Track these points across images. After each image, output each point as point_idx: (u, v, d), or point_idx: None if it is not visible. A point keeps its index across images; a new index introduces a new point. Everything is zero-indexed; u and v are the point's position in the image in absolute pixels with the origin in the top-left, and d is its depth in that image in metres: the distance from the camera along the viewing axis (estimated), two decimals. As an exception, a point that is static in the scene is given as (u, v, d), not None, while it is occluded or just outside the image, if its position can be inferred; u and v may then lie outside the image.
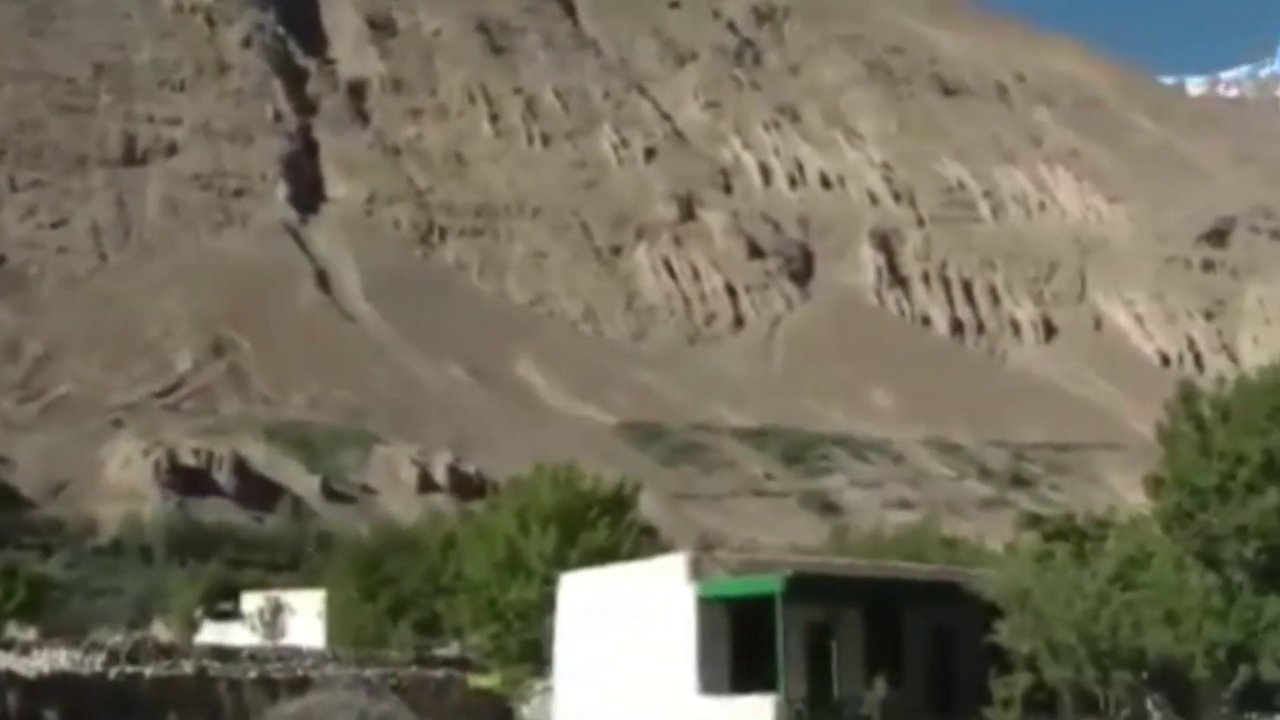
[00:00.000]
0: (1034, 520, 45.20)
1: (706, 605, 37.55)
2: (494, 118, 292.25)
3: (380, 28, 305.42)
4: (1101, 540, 38.76)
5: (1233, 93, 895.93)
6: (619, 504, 59.12)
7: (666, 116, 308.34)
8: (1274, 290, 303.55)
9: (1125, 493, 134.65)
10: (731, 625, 37.79)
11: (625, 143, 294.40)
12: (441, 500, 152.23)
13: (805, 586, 37.10)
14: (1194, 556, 33.61)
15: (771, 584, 36.67)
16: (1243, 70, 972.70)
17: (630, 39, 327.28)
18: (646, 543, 58.69)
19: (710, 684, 37.18)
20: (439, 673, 47.82)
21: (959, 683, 40.77)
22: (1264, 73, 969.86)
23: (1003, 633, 35.92)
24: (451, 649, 65.38)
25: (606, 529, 55.53)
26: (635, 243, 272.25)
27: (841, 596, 39.62)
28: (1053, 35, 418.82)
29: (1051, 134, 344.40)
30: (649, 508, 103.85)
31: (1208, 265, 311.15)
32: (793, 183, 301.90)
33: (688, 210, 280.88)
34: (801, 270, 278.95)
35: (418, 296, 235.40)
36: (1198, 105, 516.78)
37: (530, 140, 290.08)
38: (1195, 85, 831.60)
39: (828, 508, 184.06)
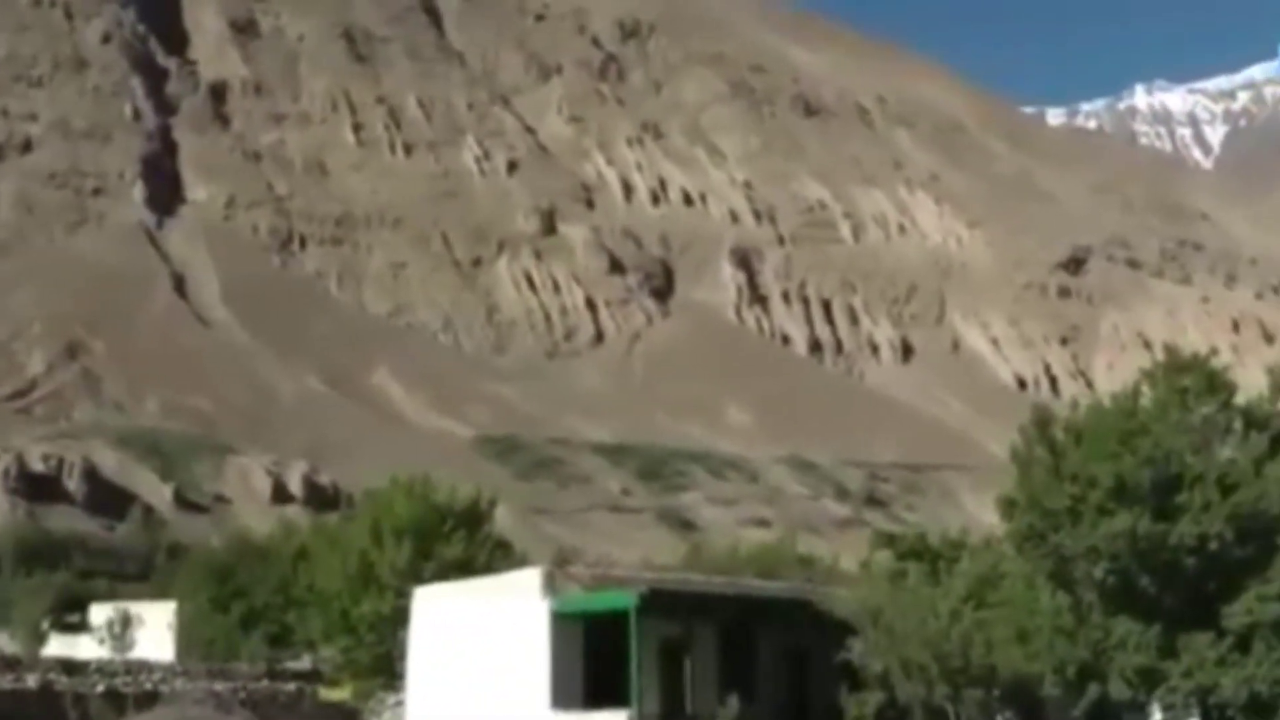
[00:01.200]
0: (888, 539, 45.47)
1: (560, 621, 37.40)
2: (356, 126, 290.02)
3: (243, 30, 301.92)
4: (954, 560, 39.12)
5: (1092, 124, 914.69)
6: (474, 517, 58.89)
7: (530, 130, 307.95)
8: (1128, 318, 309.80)
9: (979, 513, 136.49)
10: (585, 641, 37.69)
11: (488, 155, 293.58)
12: (296, 511, 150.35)
13: (660, 603, 37.08)
14: (1045, 577, 33.99)
15: (626, 600, 36.61)
16: (1101, 103, 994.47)
17: (495, 51, 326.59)
18: (501, 557, 58.38)
19: (563, 700, 37.03)
20: (290, 686, 47.24)
21: (812, 700, 41.01)
22: (1122, 106, 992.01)
23: (855, 650, 36.15)
24: (303, 662, 64.67)
25: (461, 542, 55.29)
26: (496, 256, 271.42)
27: (696, 613, 39.67)
28: (916, 59, 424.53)
29: (912, 157, 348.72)
30: (505, 522, 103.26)
31: (1064, 292, 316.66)
32: (655, 199, 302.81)
33: (549, 224, 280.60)
34: (662, 287, 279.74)
35: (275, 304, 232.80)
36: (1057, 135, 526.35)
37: (393, 150, 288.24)
38: (1055, 116, 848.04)
39: (684, 524, 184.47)
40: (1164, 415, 34.28)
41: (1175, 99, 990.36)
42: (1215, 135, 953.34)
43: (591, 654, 37.55)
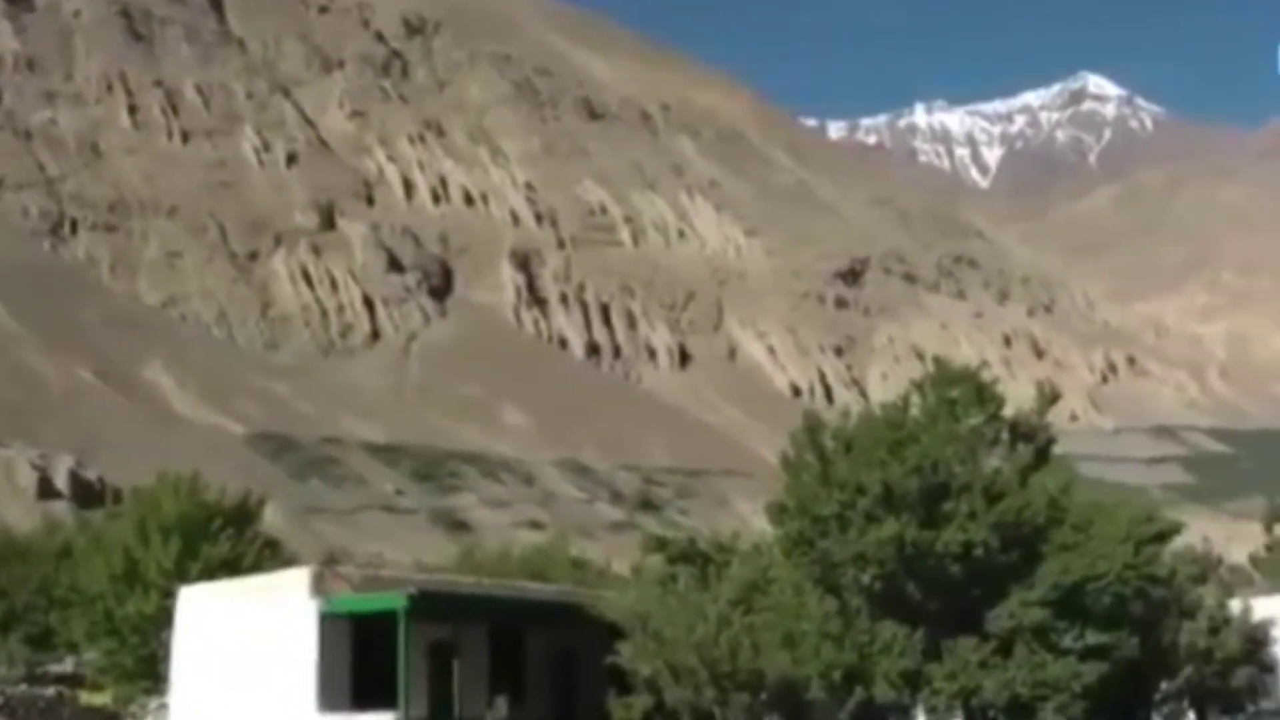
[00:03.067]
0: (659, 544, 45.66)
1: (329, 622, 36.90)
2: (132, 109, 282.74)
3: (15, 2, 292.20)
4: (725, 565, 39.42)
5: (872, 139, 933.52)
6: (243, 516, 57.93)
7: (310, 122, 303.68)
8: (903, 330, 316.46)
9: (752, 519, 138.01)
10: (353, 642, 37.27)
11: (267, 146, 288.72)
12: (62, 508, 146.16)
13: (429, 605, 36.82)
14: (813, 582, 34.44)
15: (395, 601, 36.28)
16: (882, 119, 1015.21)
17: (277, 40, 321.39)
18: (271, 557, 57.45)
19: (330, 702, 36.56)
20: (49, 690, 45.90)
21: (580, 703, 41.05)
22: (902, 123, 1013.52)
23: (624, 654, 36.21)
24: (65, 665, 62.88)
25: (229, 541, 54.30)
26: (273, 249, 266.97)
27: (466, 615, 39.47)
28: (701, 67, 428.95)
29: (693, 164, 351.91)
30: (276, 521, 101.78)
31: (840, 303, 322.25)
32: (435, 198, 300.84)
33: (328, 219, 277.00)
34: (440, 286, 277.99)
35: (44, 290, 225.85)
36: (838, 148, 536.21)
37: (169, 135, 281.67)
38: (836, 129, 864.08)
39: (457, 526, 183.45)
40: (932, 425, 35.00)
41: (954, 119, 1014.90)
42: (992, 156, 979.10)
43: (359, 655, 37.15)
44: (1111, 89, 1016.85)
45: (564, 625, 40.87)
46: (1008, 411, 36.70)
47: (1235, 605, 45.76)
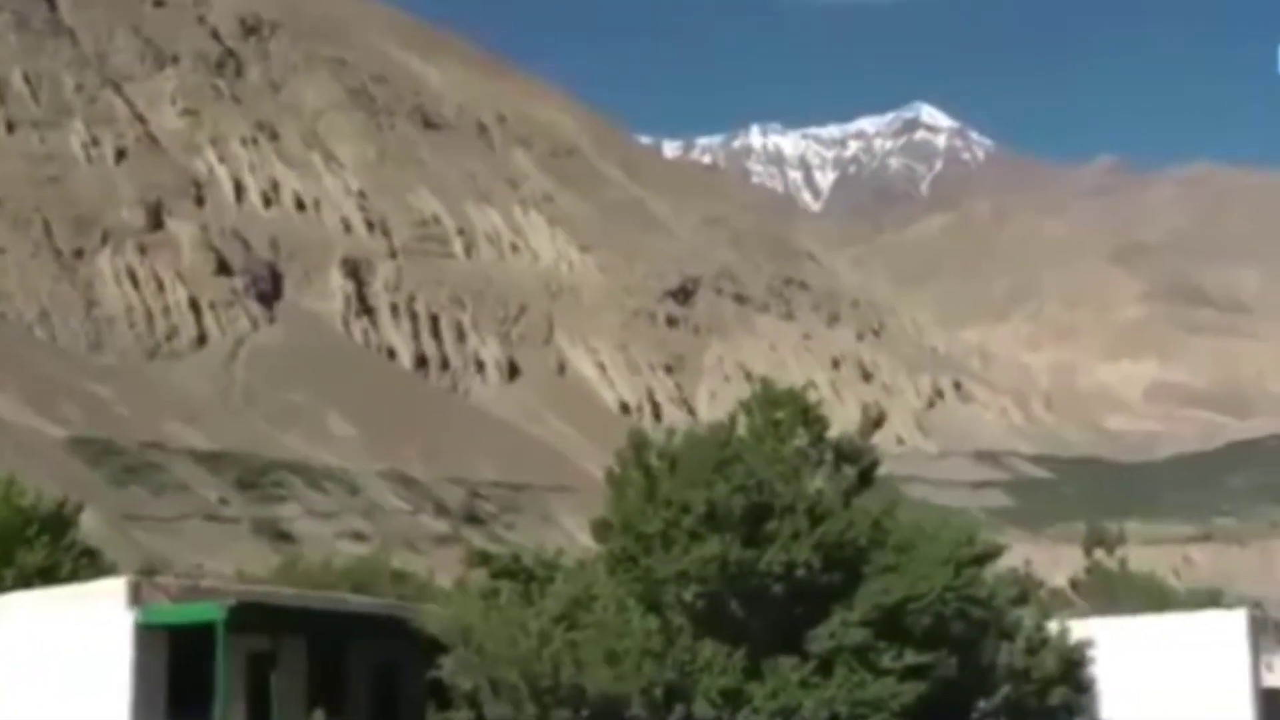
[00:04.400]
0: (483, 558, 45.52)
1: (145, 632, 36.22)
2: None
3: None
4: (548, 580, 39.35)
5: (706, 159, 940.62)
6: (60, 522, 56.65)
7: (141, 119, 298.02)
8: (733, 350, 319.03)
9: (578, 534, 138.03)
10: (170, 653, 36.61)
11: (96, 141, 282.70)
12: None
13: (248, 616, 36.30)
14: (637, 599, 34.49)
15: (213, 612, 35.70)
16: (717, 140, 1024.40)
17: (109, 33, 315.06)
18: (88, 565, 56.20)
19: (145, 714, 35.92)
20: None
21: (400, 717, 40.74)
22: (737, 144, 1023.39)
23: (446, 669, 36.01)
24: None
25: (45, 549, 53.06)
26: (99, 247, 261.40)
27: (285, 627, 38.96)
28: (538, 81, 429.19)
29: (528, 178, 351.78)
30: (95, 528, 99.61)
31: (671, 321, 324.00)
32: (267, 202, 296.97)
33: (156, 219, 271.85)
34: (269, 291, 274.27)
35: None
36: (672, 167, 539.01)
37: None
38: (671, 148, 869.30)
39: (280, 536, 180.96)
40: (758, 445, 35.28)
41: (788, 142, 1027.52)
42: (825, 180, 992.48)
43: (176, 667, 36.49)
44: (944, 120, 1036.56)
45: (385, 638, 40.53)
46: (833, 433, 37.09)
47: (1053, 627, 46.63)
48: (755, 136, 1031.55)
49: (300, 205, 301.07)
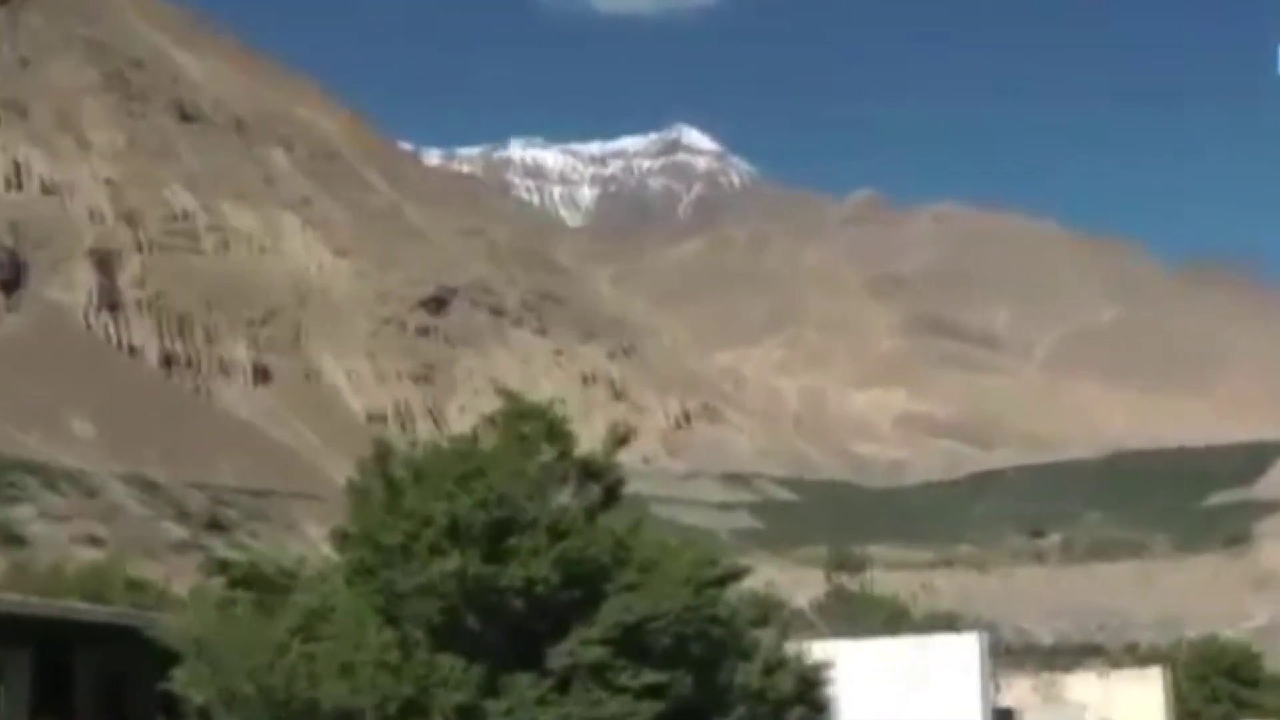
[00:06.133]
0: (220, 566, 44.43)
1: None
2: None
3: None
4: (287, 591, 38.56)
5: (467, 169, 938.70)
6: None
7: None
8: (485, 363, 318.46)
9: (321, 544, 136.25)
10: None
11: None
12: None
13: (-32, 622, 34.99)
14: (375, 612, 34.01)
15: (-70, 617, 34.32)
16: (478, 150, 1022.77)
17: None
18: None
19: None
20: None
21: (127, 729, 39.71)
22: (498, 156, 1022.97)
23: (178, 680, 35.08)
24: None
25: None
26: None
27: (9, 635, 37.65)
28: (301, 81, 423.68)
29: (285, 177, 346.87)
30: None
31: (424, 331, 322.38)
32: (10, 184, 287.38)
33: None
34: (11, 280, 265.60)
35: None
36: (432, 175, 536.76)
37: None
38: (432, 157, 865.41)
39: (12, 539, 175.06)
40: (503, 460, 35.03)
41: (550, 157, 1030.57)
42: (585, 197, 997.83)
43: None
44: (706, 143, 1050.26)
45: (116, 648, 39.40)
46: (581, 451, 37.06)
47: (791, 648, 47.20)
48: (516, 149, 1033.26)
49: (47, 190, 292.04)
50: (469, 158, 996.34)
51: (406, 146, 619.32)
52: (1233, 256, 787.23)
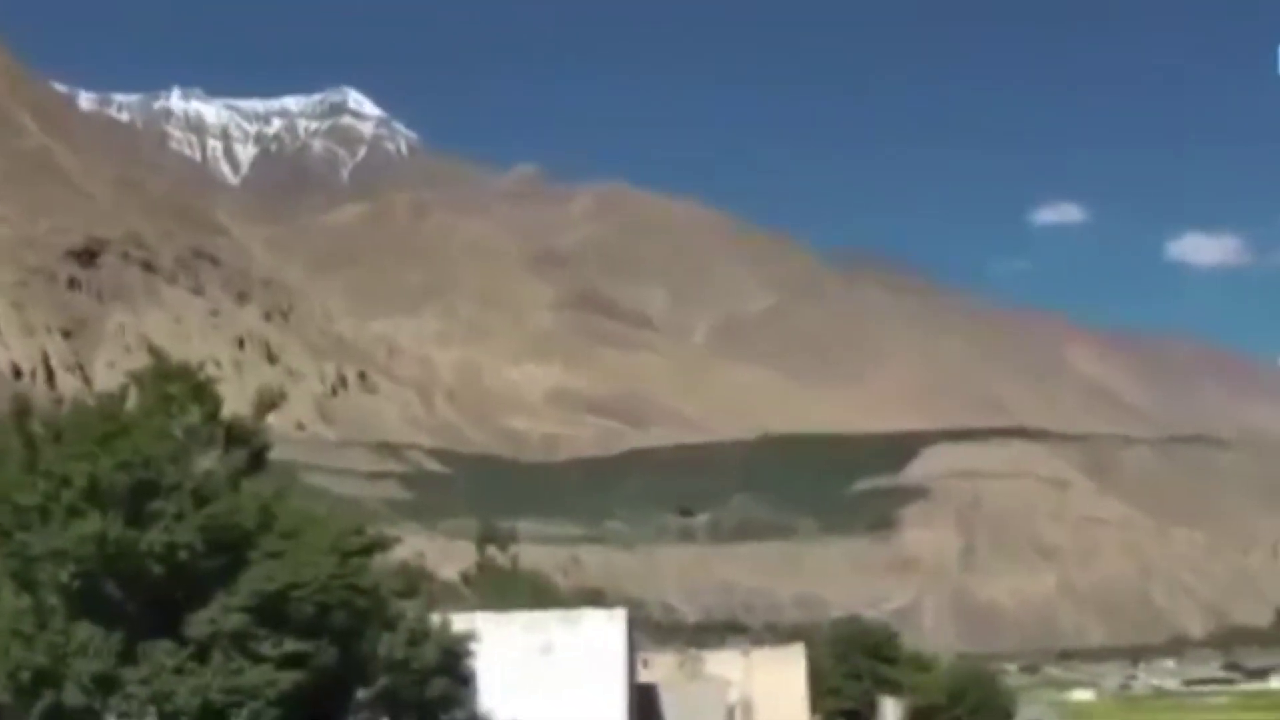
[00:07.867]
0: None
1: None
2: None
3: None
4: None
5: (124, 117, 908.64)
6: None
7: None
8: (136, 319, 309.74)
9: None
10: None
11: None
12: None
13: None
14: (10, 577, 32.87)
15: None
16: (136, 98, 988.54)
17: None
18: None
19: None
20: None
21: None
22: (157, 105, 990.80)
23: None
24: None
25: None
26: None
27: None
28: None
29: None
30: None
31: (74, 284, 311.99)
32: None
33: None
34: None
35: None
36: (88, 120, 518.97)
37: None
38: (88, 100, 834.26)
39: None
40: (147, 421, 34.20)
41: (211, 110, 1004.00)
42: (246, 155, 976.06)
43: None
44: (371, 109, 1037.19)
45: None
46: (229, 414, 36.41)
47: (436, 619, 47.27)
48: (176, 100, 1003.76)
49: None
50: (127, 104, 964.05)
51: (61, 88, 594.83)
52: (890, 253, 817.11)
